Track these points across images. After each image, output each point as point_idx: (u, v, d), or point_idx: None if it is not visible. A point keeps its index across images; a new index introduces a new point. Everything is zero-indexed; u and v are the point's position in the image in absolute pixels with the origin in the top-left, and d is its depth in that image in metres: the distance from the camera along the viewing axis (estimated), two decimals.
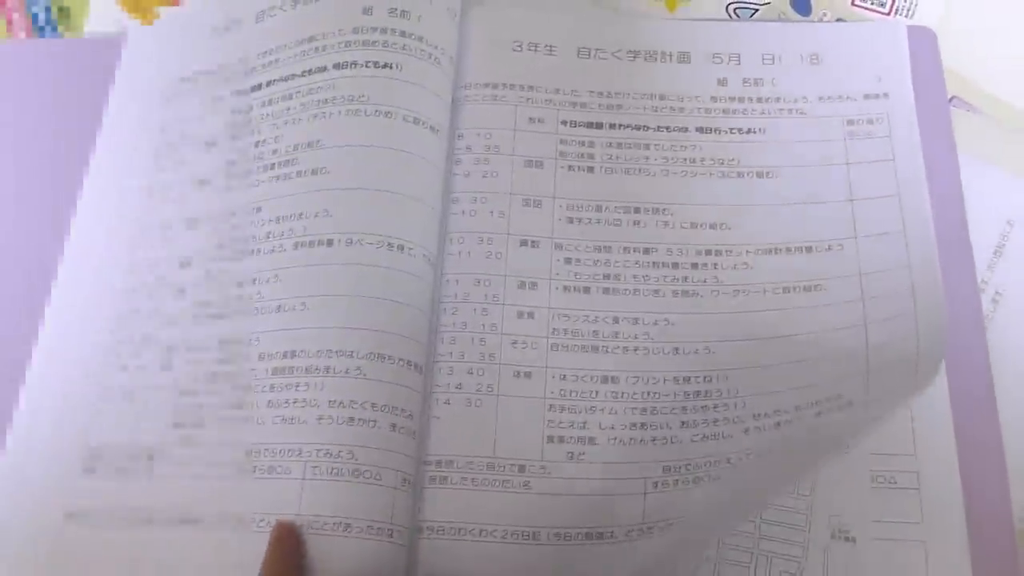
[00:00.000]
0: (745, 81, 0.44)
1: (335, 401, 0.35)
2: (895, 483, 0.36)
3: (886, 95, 0.43)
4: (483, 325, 0.38)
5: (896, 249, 0.40)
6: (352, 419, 0.35)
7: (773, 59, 0.44)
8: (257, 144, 0.41)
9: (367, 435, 0.35)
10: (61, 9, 0.50)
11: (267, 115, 0.41)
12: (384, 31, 0.41)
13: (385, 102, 0.39)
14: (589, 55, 0.44)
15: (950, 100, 0.43)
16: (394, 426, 0.35)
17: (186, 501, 0.36)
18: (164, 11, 0.48)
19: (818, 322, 0.38)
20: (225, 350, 0.37)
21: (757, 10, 0.46)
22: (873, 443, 0.37)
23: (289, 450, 0.35)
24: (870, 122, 0.42)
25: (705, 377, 0.38)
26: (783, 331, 0.38)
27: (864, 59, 0.44)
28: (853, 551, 0.36)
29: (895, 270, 0.39)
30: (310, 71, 0.41)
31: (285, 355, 0.36)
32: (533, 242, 0.40)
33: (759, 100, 0.43)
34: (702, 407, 0.37)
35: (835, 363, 0.38)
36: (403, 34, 0.41)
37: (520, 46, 0.44)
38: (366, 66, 0.40)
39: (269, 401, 0.36)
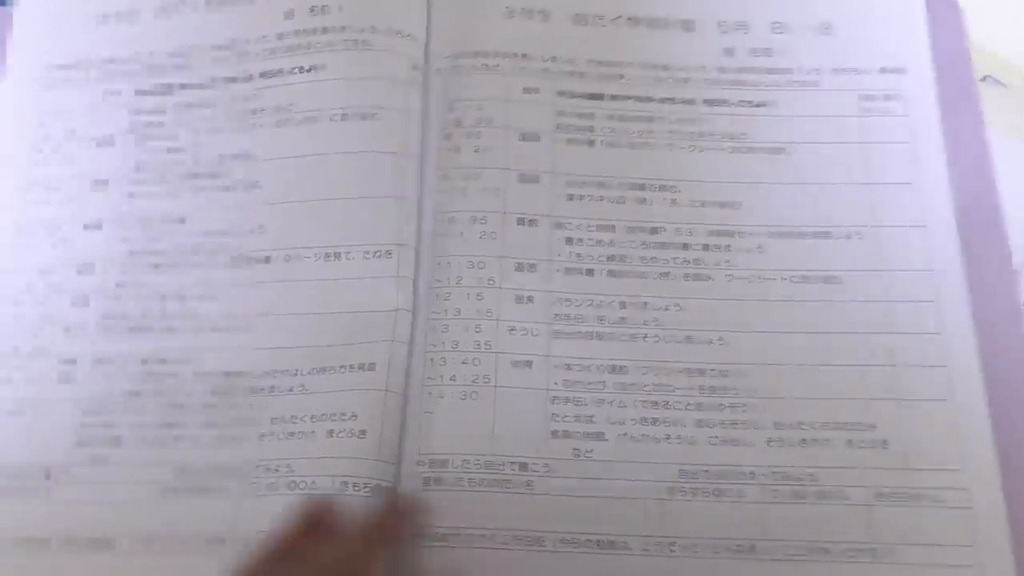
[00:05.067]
0: (753, 51, 0.41)
1: (277, 418, 0.34)
2: (943, 501, 0.33)
3: (902, 70, 0.40)
4: (478, 311, 0.35)
5: (916, 245, 0.37)
6: (292, 433, 0.33)
7: (782, 28, 0.41)
8: (173, 150, 0.39)
9: (305, 447, 0.33)
10: None
11: (183, 120, 0.39)
12: (305, 33, 0.39)
13: (312, 107, 0.38)
14: (586, 22, 0.41)
15: (983, 79, 0.41)
16: (331, 432, 0.33)
17: (95, 524, 0.33)
18: None
19: (838, 320, 0.36)
20: (149, 368, 0.36)
21: None
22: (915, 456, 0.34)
23: (228, 468, 0.33)
24: (886, 98, 0.39)
25: (720, 371, 0.35)
26: (802, 326, 0.36)
27: (879, 30, 0.41)
28: None
29: (918, 272, 0.36)
30: (234, 78, 0.40)
31: (227, 375, 0.35)
32: (531, 220, 0.37)
33: (769, 71, 0.40)
34: (718, 405, 0.34)
35: (861, 378, 0.35)
36: (324, 31, 0.39)
37: (512, 13, 0.41)
38: (292, 72, 0.39)
39: (207, 422, 0.34)
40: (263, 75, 0.40)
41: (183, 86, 0.40)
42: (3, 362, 0.37)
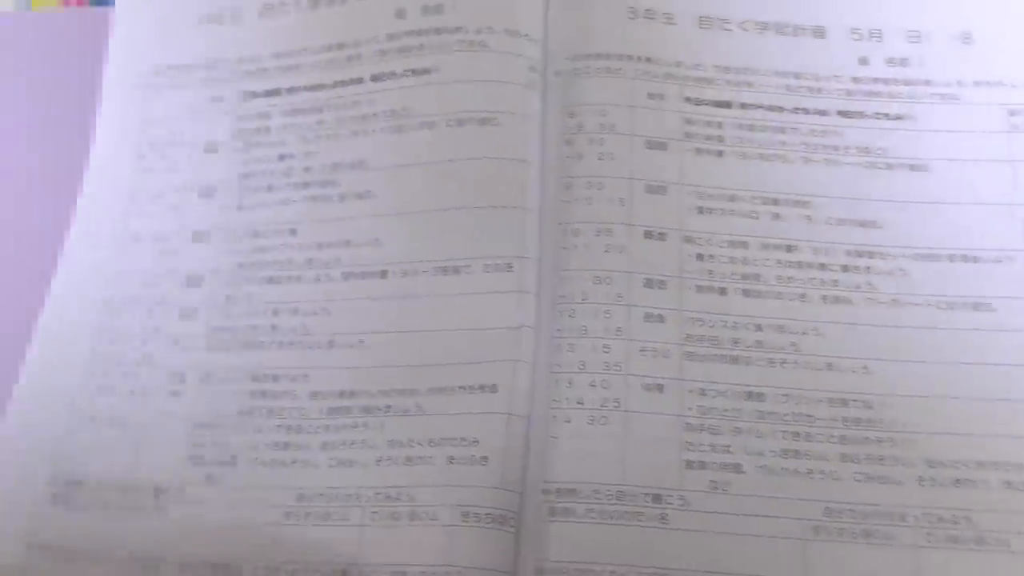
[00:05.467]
0: (889, 61, 0.38)
1: (394, 441, 0.32)
2: None
3: None
4: (606, 329, 0.33)
5: None
6: (410, 458, 0.31)
7: (919, 36, 0.39)
8: (282, 157, 0.37)
9: (424, 473, 0.31)
10: None
11: (291, 126, 0.37)
12: (418, 34, 0.37)
13: (427, 112, 0.36)
14: (712, 25, 0.39)
15: None
16: (451, 459, 0.31)
17: (215, 547, 0.32)
18: None
19: (990, 351, 0.33)
20: (260, 385, 0.34)
21: None
22: None
23: (347, 495, 0.31)
24: None
25: (865, 402, 0.32)
26: (950, 356, 0.33)
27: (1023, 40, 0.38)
28: None
29: None
30: (343, 82, 0.38)
31: (342, 394, 0.33)
32: (660, 234, 0.34)
33: (906, 83, 0.38)
34: (864, 438, 0.32)
35: (1018, 415, 0.32)
36: (438, 31, 0.37)
37: (635, 13, 0.38)
38: (404, 75, 0.37)
39: (324, 443, 0.33)
40: (374, 78, 0.38)
41: (291, 89, 0.38)
42: (105, 370, 0.35)
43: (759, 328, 0.33)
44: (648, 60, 0.38)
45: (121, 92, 0.40)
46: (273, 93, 0.39)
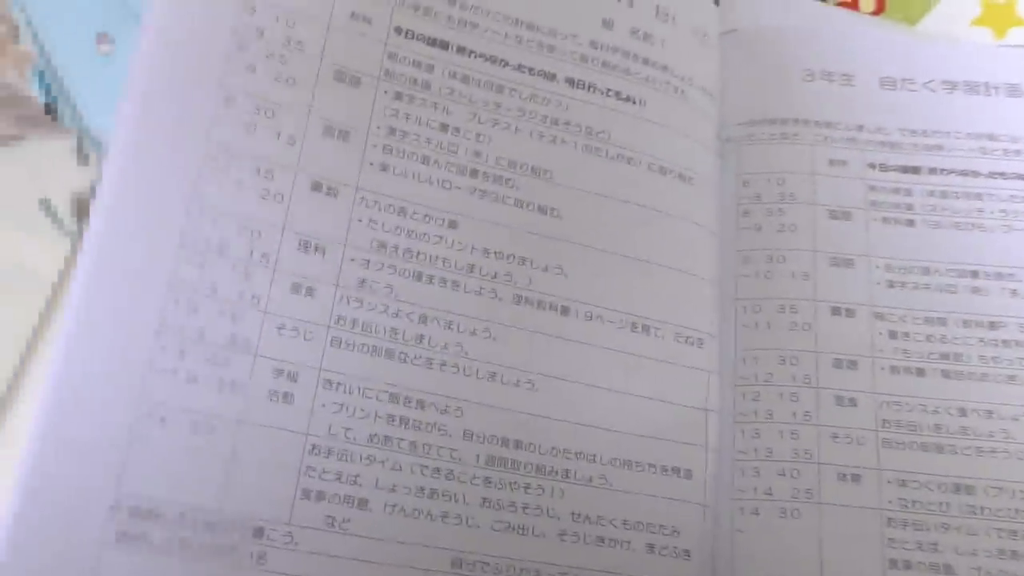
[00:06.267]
0: None
1: (579, 514, 0.28)
2: None
3: None
4: (794, 414, 0.31)
5: None
6: (602, 539, 0.28)
7: None
8: (445, 128, 0.31)
9: (622, 560, 0.28)
10: None
11: (459, 93, 0.31)
12: (626, 55, 0.34)
13: (628, 145, 0.33)
14: (895, 86, 0.36)
15: None
16: (651, 547, 0.29)
17: None
18: None
19: None
20: (401, 407, 0.27)
21: None
22: None
23: (523, 569, 0.28)
24: None
25: None
26: None
27: None
28: None
29: None
30: (532, 70, 0.33)
31: (505, 443, 0.28)
32: (848, 310, 0.32)
33: None
34: None
35: None
36: (646, 62, 0.35)
37: (811, 75, 0.36)
38: (606, 94, 0.34)
39: (485, 499, 0.28)
40: (570, 82, 0.33)
41: (463, 49, 0.32)
42: (179, 349, 0.26)
43: (963, 413, 0.31)
44: (828, 124, 0.36)
45: None
46: (440, 44, 0.32)
